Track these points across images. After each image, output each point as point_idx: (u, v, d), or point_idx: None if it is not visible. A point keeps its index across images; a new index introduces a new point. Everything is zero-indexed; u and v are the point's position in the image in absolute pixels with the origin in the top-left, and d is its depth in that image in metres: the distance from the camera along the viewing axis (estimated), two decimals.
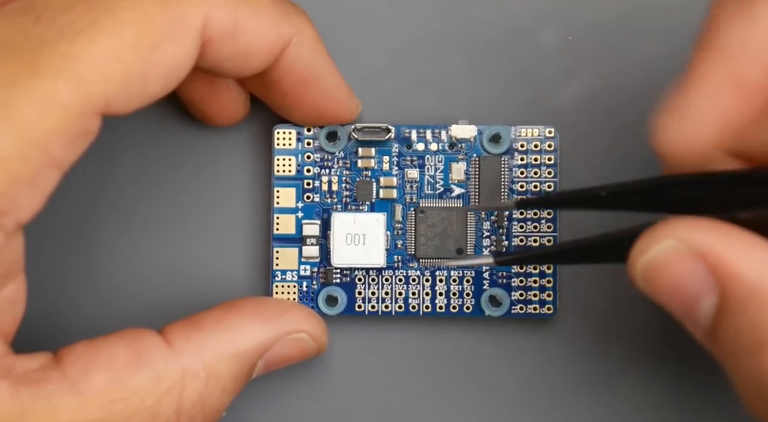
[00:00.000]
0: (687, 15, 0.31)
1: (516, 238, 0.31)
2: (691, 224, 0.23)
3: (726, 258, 0.22)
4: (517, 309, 0.31)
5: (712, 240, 0.22)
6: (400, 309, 0.31)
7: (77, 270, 0.31)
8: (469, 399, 0.31)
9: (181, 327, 0.26)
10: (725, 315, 0.22)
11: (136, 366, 0.25)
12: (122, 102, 0.24)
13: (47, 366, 0.24)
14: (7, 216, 0.23)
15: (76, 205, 0.31)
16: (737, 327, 0.22)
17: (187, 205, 0.31)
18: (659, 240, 0.23)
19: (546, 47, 0.31)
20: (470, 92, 0.31)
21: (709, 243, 0.22)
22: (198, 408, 0.26)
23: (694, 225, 0.22)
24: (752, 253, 0.22)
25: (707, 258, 0.22)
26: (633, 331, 0.31)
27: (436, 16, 0.31)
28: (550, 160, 0.31)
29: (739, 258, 0.22)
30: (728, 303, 0.22)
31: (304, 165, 0.31)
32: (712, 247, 0.22)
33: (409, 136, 0.31)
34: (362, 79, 0.31)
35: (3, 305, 0.25)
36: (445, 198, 0.31)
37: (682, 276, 0.22)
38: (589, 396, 0.31)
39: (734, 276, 0.22)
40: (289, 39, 0.27)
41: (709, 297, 0.22)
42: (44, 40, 0.23)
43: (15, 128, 0.23)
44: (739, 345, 0.22)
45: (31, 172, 0.23)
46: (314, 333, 0.28)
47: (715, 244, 0.22)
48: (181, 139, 0.32)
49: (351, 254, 0.30)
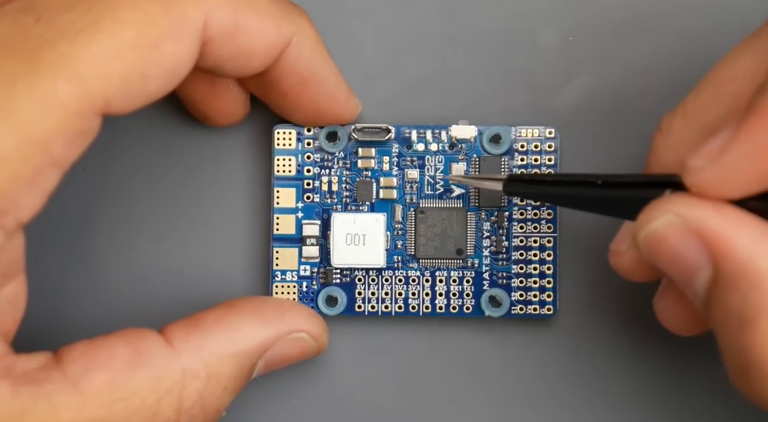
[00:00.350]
0: (687, 15, 0.31)
1: (516, 239, 0.31)
2: (690, 200, 0.23)
3: (719, 235, 0.23)
4: (517, 310, 0.31)
5: (707, 217, 0.23)
6: (400, 309, 0.31)
7: (77, 270, 0.31)
8: (470, 400, 0.31)
9: (182, 326, 0.26)
10: (717, 290, 0.23)
11: (137, 365, 0.25)
12: (122, 101, 0.24)
13: (48, 366, 0.24)
14: (7, 216, 0.23)
15: (77, 205, 0.31)
16: (726, 303, 0.23)
17: (187, 204, 0.31)
18: (660, 215, 0.23)
19: (546, 47, 0.31)
20: (470, 92, 0.31)
21: (704, 219, 0.23)
22: (198, 407, 0.26)
23: (692, 202, 0.23)
24: (746, 231, 0.23)
25: (702, 234, 0.23)
26: (633, 331, 0.31)
27: (436, 16, 0.31)
28: (550, 160, 0.31)
29: (731, 236, 0.23)
30: (720, 279, 0.23)
31: (304, 165, 0.31)
32: (706, 223, 0.23)
33: (409, 137, 0.31)
34: (362, 79, 0.31)
35: (3, 304, 0.25)
36: (445, 198, 0.31)
37: (679, 248, 0.23)
38: (589, 396, 0.31)
39: (726, 252, 0.23)
40: (289, 39, 0.27)
41: (705, 270, 0.23)
42: (45, 40, 0.23)
43: (15, 127, 0.23)
44: (727, 319, 0.23)
45: (31, 172, 0.23)
46: (315, 332, 0.28)
47: (710, 221, 0.23)
48: (181, 139, 0.32)
49: (351, 254, 0.30)
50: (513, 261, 0.31)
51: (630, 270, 0.27)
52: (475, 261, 0.31)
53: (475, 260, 0.31)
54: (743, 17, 0.28)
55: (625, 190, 0.25)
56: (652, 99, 0.31)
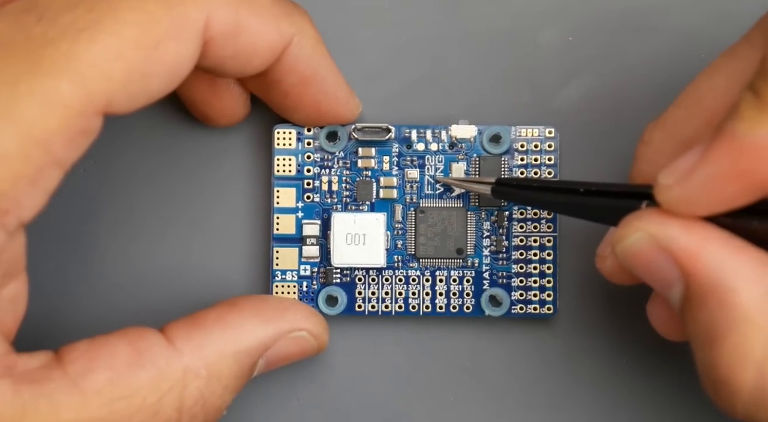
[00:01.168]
0: (687, 15, 0.31)
1: (516, 238, 0.31)
2: (659, 218, 0.23)
3: (687, 253, 0.23)
4: (517, 309, 0.31)
5: (676, 236, 0.23)
6: (400, 309, 0.31)
7: (78, 269, 0.31)
8: (470, 399, 0.31)
9: (183, 325, 0.26)
10: (688, 305, 0.23)
11: (138, 364, 0.25)
12: (124, 101, 0.24)
13: (49, 365, 0.24)
14: (9, 215, 0.23)
15: (77, 205, 0.31)
16: (696, 318, 0.23)
17: (187, 204, 0.32)
18: (632, 232, 0.24)
19: (546, 47, 0.31)
20: (470, 92, 0.31)
21: (673, 238, 0.23)
22: (199, 406, 0.26)
23: (662, 220, 0.23)
24: (714, 249, 0.23)
25: (671, 252, 0.23)
26: (632, 331, 0.31)
27: (436, 16, 0.31)
28: (550, 160, 0.31)
29: (699, 254, 0.23)
30: (690, 295, 0.23)
31: (304, 165, 0.31)
32: (675, 242, 0.23)
33: (409, 136, 0.31)
34: (362, 79, 0.31)
35: (5, 304, 0.25)
36: (445, 198, 0.31)
37: (653, 264, 0.24)
38: (588, 396, 0.31)
39: (694, 270, 0.23)
40: (290, 38, 0.27)
41: (678, 285, 0.23)
42: (46, 39, 0.23)
43: (17, 127, 0.23)
44: (697, 334, 0.23)
45: (33, 171, 0.23)
46: (315, 331, 0.28)
47: (679, 239, 0.23)
48: (182, 139, 0.32)
49: (351, 254, 0.30)
50: (513, 261, 0.31)
51: (612, 275, 0.28)
52: (475, 260, 0.31)
53: (475, 259, 0.31)
54: (743, 17, 0.28)
55: (605, 199, 0.25)
56: (652, 99, 0.31)
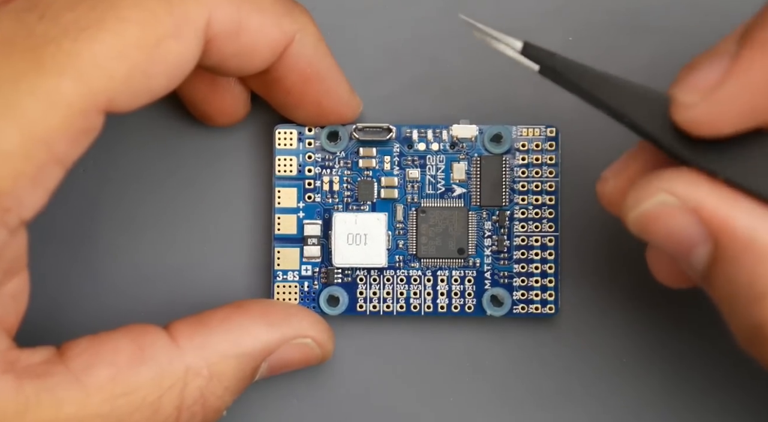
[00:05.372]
0: (687, 15, 0.31)
1: (517, 238, 0.31)
2: (683, 178, 0.23)
3: (719, 213, 0.23)
4: (519, 309, 0.31)
5: (705, 195, 0.23)
6: (401, 309, 0.31)
7: (78, 269, 0.31)
8: (471, 399, 0.31)
9: (187, 324, 0.26)
10: (720, 265, 0.23)
11: (140, 361, 0.25)
12: (125, 99, 0.24)
13: (51, 360, 0.24)
14: (10, 213, 0.23)
15: (79, 202, 0.31)
16: (732, 277, 0.23)
17: (188, 204, 0.32)
18: (652, 195, 0.23)
19: (546, 47, 0.31)
20: (471, 92, 0.31)
21: (702, 198, 0.23)
22: (199, 405, 0.26)
23: (686, 180, 0.23)
24: (744, 207, 0.23)
25: (700, 213, 0.23)
26: (633, 331, 0.31)
27: (436, 16, 0.31)
28: (551, 159, 0.31)
29: (732, 213, 0.23)
30: (722, 254, 0.23)
31: (305, 165, 0.31)
32: (705, 202, 0.23)
33: (411, 136, 0.31)
34: (363, 79, 0.31)
35: (7, 300, 0.25)
36: (447, 198, 0.31)
37: (675, 227, 0.23)
38: (590, 396, 0.31)
39: (728, 229, 0.22)
40: (291, 36, 0.27)
41: (703, 246, 0.23)
42: (48, 38, 0.23)
43: (19, 125, 0.23)
44: (734, 293, 0.23)
45: (34, 169, 0.23)
46: (320, 339, 0.28)
47: (708, 199, 0.23)
48: (182, 139, 0.32)
49: (352, 254, 0.30)
50: (514, 261, 0.31)
51: (611, 203, 0.26)
52: (476, 260, 0.31)
53: (477, 259, 0.31)
54: (743, 17, 0.28)
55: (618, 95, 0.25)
56: None
